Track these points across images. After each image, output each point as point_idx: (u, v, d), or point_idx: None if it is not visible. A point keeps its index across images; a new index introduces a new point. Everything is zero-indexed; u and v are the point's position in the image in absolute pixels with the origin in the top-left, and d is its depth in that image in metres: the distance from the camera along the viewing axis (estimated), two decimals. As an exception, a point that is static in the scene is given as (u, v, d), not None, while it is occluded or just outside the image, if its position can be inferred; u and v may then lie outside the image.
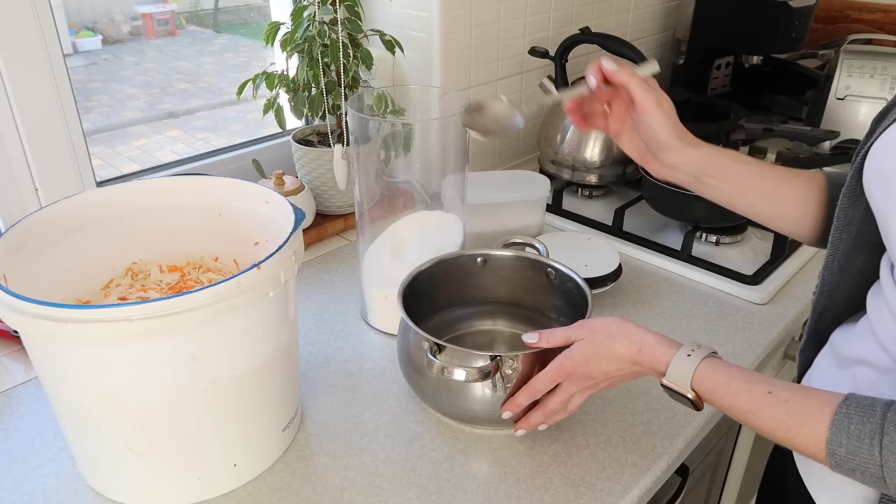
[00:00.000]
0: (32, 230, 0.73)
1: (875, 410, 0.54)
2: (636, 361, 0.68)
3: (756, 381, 0.61)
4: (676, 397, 0.65)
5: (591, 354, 0.70)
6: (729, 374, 0.62)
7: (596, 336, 0.70)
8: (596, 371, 0.70)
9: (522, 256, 0.93)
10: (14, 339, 0.95)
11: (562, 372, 0.71)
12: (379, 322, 1.00)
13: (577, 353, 0.70)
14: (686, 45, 1.73)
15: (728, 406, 0.62)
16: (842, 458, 0.55)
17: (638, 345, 0.68)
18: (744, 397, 0.61)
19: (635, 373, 0.69)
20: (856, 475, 0.55)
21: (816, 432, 0.56)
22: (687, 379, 0.63)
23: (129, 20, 3.82)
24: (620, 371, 0.69)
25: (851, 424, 0.55)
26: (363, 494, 0.73)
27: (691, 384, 0.63)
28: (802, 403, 0.58)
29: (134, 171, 1.21)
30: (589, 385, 0.72)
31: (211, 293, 0.61)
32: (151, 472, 0.70)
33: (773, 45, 1.66)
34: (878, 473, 0.53)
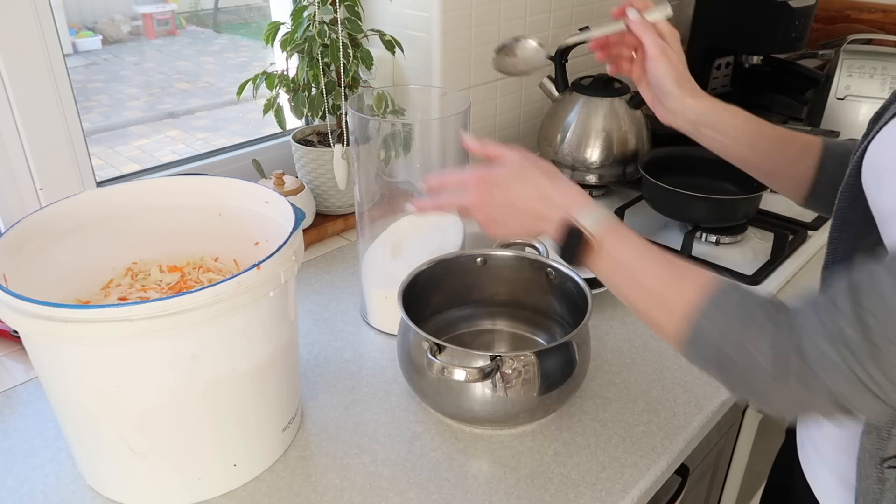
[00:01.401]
0: (32, 230, 0.73)
1: (753, 297, 0.56)
2: (546, 196, 0.67)
3: (655, 247, 0.64)
4: (572, 241, 0.65)
5: (509, 172, 0.70)
6: (636, 235, 0.65)
7: (528, 164, 0.70)
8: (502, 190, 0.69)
9: (522, 256, 0.93)
10: (14, 339, 0.95)
11: (477, 174, 0.71)
12: (379, 322, 1.00)
13: (503, 169, 0.70)
14: (686, 45, 1.73)
15: (625, 259, 0.63)
16: (703, 327, 0.57)
17: (559, 184, 0.68)
18: (644, 256, 0.63)
19: (538, 212, 0.68)
20: (703, 348, 0.57)
21: (691, 299, 0.58)
22: (595, 224, 0.64)
23: (129, 20, 3.83)
24: (523, 200, 0.68)
25: (728, 302, 0.56)
26: (363, 494, 0.73)
27: (598, 230, 0.64)
28: (687, 272, 0.60)
29: (134, 171, 1.21)
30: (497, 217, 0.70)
31: (211, 293, 0.61)
32: (151, 472, 0.70)
33: (773, 45, 1.66)
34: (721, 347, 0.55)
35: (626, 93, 1.35)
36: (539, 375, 0.76)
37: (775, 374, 0.53)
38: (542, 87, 1.41)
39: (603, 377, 0.90)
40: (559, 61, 1.38)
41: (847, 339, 0.50)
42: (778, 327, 0.54)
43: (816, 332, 0.52)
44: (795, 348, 0.52)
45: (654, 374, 0.91)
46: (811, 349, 0.51)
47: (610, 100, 1.32)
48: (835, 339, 0.50)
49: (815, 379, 0.52)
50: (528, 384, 0.76)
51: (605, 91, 1.33)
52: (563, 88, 1.38)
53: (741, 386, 0.56)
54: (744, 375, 0.55)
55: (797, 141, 0.81)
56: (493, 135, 1.47)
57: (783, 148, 0.81)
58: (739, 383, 0.56)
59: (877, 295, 0.49)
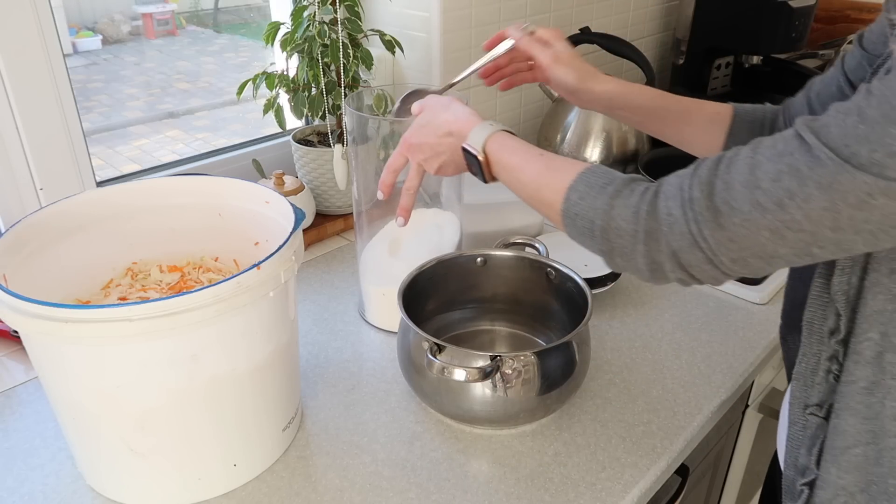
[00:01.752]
0: (32, 230, 0.73)
1: (613, 172, 0.63)
2: (451, 132, 0.74)
3: (534, 147, 0.70)
4: (471, 162, 0.73)
5: (422, 124, 0.77)
6: (516, 140, 0.71)
7: (427, 110, 0.78)
8: (426, 143, 0.76)
9: (522, 256, 0.93)
10: (14, 339, 0.95)
11: (403, 143, 0.78)
12: (377, 319, 1.00)
13: (413, 126, 0.78)
14: (686, 45, 1.73)
15: (506, 163, 0.70)
16: (573, 202, 0.63)
17: (455, 115, 0.75)
18: (519, 156, 0.69)
19: (451, 145, 0.74)
20: (576, 223, 0.63)
21: (562, 182, 0.64)
22: (481, 141, 0.71)
23: (129, 20, 3.83)
24: (442, 143, 0.75)
25: (593, 177, 0.63)
26: (363, 494, 0.73)
27: (484, 146, 0.71)
28: (562, 162, 0.67)
29: (134, 171, 1.21)
30: (425, 157, 0.77)
31: (211, 293, 0.61)
32: (151, 472, 0.70)
33: (773, 45, 1.66)
34: (592, 217, 0.61)
35: (626, 93, 1.35)
36: (539, 375, 0.76)
37: (634, 234, 0.59)
38: (543, 87, 1.41)
39: (603, 377, 0.90)
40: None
41: (693, 199, 0.55)
42: (634, 192, 0.59)
43: (672, 195, 0.57)
44: (650, 207, 0.58)
45: (654, 374, 0.91)
46: (662, 207, 0.57)
47: (610, 100, 1.32)
48: (684, 200, 0.56)
49: (662, 237, 0.57)
50: (529, 384, 0.76)
51: (605, 91, 1.33)
52: (563, 88, 1.38)
53: (611, 249, 0.61)
54: (609, 238, 0.61)
55: (705, 110, 0.86)
56: None
57: (691, 118, 0.86)
58: (608, 248, 0.61)
59: (732, 164, 0.54)
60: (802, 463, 0.65)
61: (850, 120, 0.49)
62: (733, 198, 0.53)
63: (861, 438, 0.60)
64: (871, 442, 0.60)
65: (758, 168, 0.52)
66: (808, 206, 0.50)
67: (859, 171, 0.48)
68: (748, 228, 0.53)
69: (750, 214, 0.52)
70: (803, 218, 0.51)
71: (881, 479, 0.60)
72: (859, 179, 0.48)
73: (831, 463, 0.62)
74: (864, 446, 0.60)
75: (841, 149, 0.49)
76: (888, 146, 0.47)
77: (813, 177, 0.50)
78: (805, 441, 0.65)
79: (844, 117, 0.49)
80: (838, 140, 0.49)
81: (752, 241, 0.53)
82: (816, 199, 0.50)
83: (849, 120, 0.49)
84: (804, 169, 0.50)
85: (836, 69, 0.78)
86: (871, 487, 0.61)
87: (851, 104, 0.49)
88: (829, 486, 0.63)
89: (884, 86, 0.48)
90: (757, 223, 0.52)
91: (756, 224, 0.52)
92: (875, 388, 0.59)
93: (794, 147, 0.51)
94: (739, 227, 0.53)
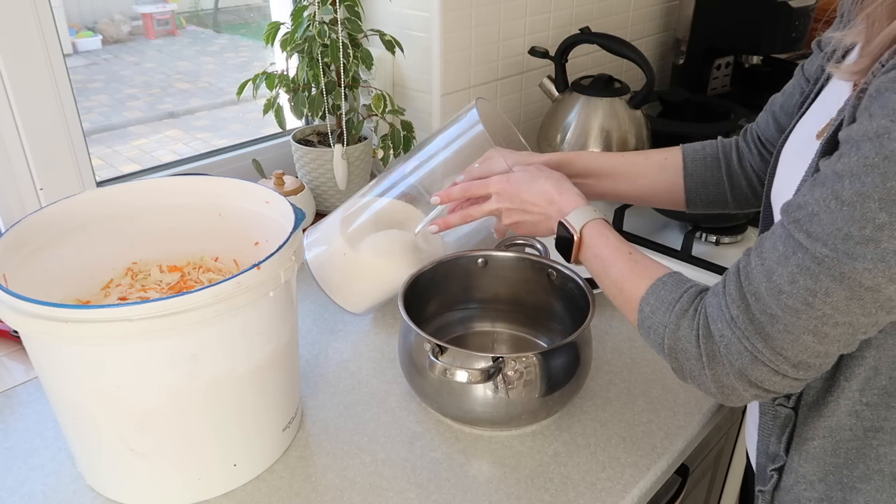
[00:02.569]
0: (32, 230, 0.73)
1: (685, 284, 0.64)
2: (552, 201, 0.77)
3: (627, 244, 0.71)
4: (562, 238, 0.75)
5: (524, 180, 0.79)
6: (612, 233, 0.73)
7: (532, 170, 0.80)
8: (520, 196, 0.79)
9: (523, 257, 0.93)
10: (14, 339, 0.95)
11: (498, 184, 0.80)
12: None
13: (515, 176, 0.80)
14: (686, 45, 1.73)
15: (598, 253, 0.72)
16: (645, 314, 0.64)
17: (560, 187, 0.77)
18: (611, 250, 0.71)
19: (546, 213, 0.77)
20: (650, 334, 0.64)
21: (639, 289, 0.66)
22: (581, 223, 0.73)
23: (129, 20, 3.83)
24: (536, 206, 0.78)
25: (663, 290, 0.64)
26: (363, 494, 0.73)
27: (582, 228, 0.73)
28: (643, 266, 0.68)
29: (134, 171, 1.21)
30: (507, 207, 0.80)
31: (211, 293, 0.61)
32: (151, 472, 0.70)
33: (773, 45, 1.66)
34: (662, 333, 0.62)
35: (626, 93, 1.35)
36: (541, 377, 0.76)
37: (699, 357, 0.59)
38: (542, 87, 1.41)
39: (603, 377, 0.90)
40: (559, 61, 1.38)
41: (735, 318, 0.57)
42: (698, 313, 0.60)
43: (717, 317, 0.58)
44: (705, 331, 0.59)
45: (654, 374, 0.91)
46: (715, 331, 0.58)
47: (610, 100, 1.32)
48: (727, 320, 0.57)
49: (724, 359, 0.58)
50: (530, 385, 0.76)
51: (605, 91, 1.33)
52: (563, 88, 1.38)
53: (681, 368, 0.62)
54: (678, 358, 0.62)
55: (651, 159, 0.89)
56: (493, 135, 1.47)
57: (640, 169, 0.89)
58: (679, 366, 0.62)
59: (750, 275, 0.56)
60: (773, 450, 0.68)
61: (832, 205, 0.51)
62: (767, 307, 0.55)
63: (819, 432, 0.64)
64: (827, 436, 0.63)
65: (773, 274, 0.54)
66: (832, 298, 0.52)
67: (858, 261, 0.50)
68: (791, 333, 0.54)
69: (786, 319, 0.54)
70: (833, 311, 0.52)
71: (837, 470, 0.64)
72: (860, 268, 0.50)
73: (795, 451, 0.66)
74: (822, 439, 0.64)
75: (834, 236, 0.50)
76: (873, 220, 0.48)
77: (822, 271, 0.51)
78: (775, 430, 0.68)
79: (826, 205, 0.51)
80: (829, 227, 0.51)
81: (801, 344, 0.54)
82: (835, 291, 0.51)
83: (831, 206, 0.51)
84: (812, 266, 0.52)
85: (795, 79, 0.81)
86: (827, 477, 0.64)
87: (827, 191, 0.51)
88: (793, 472, 0.67)
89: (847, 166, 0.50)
90: (796, 326, 0.54)
91: (795, 327, 0.54)
92: (831, 388, 0.62)
93: (793, 247, 0.53)
94: (783, 333, 0.54)
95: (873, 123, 0.48)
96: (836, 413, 0.62)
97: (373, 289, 0.96)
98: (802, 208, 0.53)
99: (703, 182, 0.88)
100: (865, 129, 0.49)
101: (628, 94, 1.34)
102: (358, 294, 0.96)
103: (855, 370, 0.60)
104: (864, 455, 0.62)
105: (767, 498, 0.69)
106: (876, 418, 0.61)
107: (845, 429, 0.62)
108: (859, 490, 0.63)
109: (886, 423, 0.61)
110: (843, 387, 0.61)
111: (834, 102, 0.61)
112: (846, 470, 0.63)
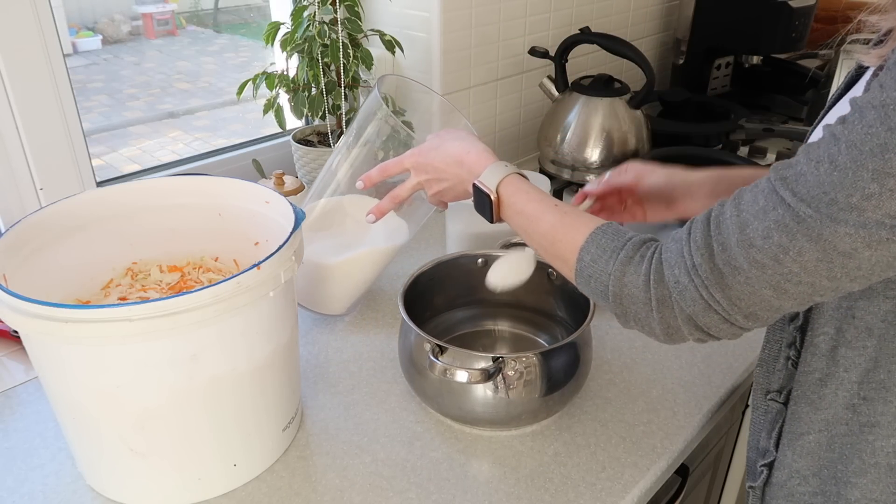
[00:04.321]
0: (32, 230, 0.73)
1: (626, 234, 0.63)
2: (461, 162, 0.76)
3: (549, 196, 0.70)
4: (482, 200, 0.73)
5: (433, 147, 0.79)
6: (531, 187, 0.72)
7: (441, 134, 0.80)
8: (432, 164, 0.78)
9: (522, 256, 0.93)
10: (14, 339, 0.95)
11: (411, 157, 0.80)
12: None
13: (424, 146, 0.80)
14: (686, 45, 1.73)
15: (520, 209, 0.70)
16: (585, 263, 0.63)
17: (468, 148, 0.76)
18: (534, 204, 0.70)
19: (459, 176, 0.76)
20: (590, 284, 0.63)
21: (575, 240, 0.64)
22: (495, 181, 0.72)
23: (129, 20, 3.83)
24: (448, 170, 0.77)
25: (604, 238, 0.63)
26: (363, 494, 0.73)
27: (497, 186, 0.72)
28: (575, 217, 0.67)
29: (134, 171, 1.21)
30: (426, 179, 0.80)
31: (211, 293, 0.61)
32: (151, 472, 0.70)
33: (773, 45, 1.66)
34: (606, 280, 0.62)
35: (626, 93, 1.35)
36: (542, 377, 0.76)
37: (647, 301, 0.59)
38: (543, 87, 1.41)
39: (603, 377, 0.90)
40: (559, 61, 1.38)
41: (696, 265, 0.56)
42: (644, 258, 0.60)
43: (675, 262, 0.58)
44: (657, 276, 0.58)
45: (654, 374, 0.91)
46: (669, 276, 0.58)
47: (610, 100, 1.32)
48: (688, 267, 0.56)
49: (675, 304, 0.58)
50: (531, 385, 0.76)
51: (605, 91, 1.33)
52: (563, 88, 1.38)
53: (625, 313, 0.62)
54: (623, 304, 0.61)
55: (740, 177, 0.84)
56: (493, 135, 1.47)
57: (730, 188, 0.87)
58: (623, 313, 0.62)
59: (721, 225, 0.55)
60: (763, 445, 0.68)
61: (823, 168, 0.50)
62: (733, 258, 0.54)
63: (814, 426, 0.64)
64: (823, 430, 0.63)
65: (747, 227, 0.54)
66: (803, 258, 0.51)
67: (840, 225, 0.49)
68: (752, 286, 0.54)
69: (750, 272, 0.54)
70: (800, 270, 0.52)
71: (831, 465, 0.64)
72: (841, 232, 0.49)
73: (788, 447, 0.66)
74: (817, 433, 0.64)
75: (819, 199, 0.50)
76: (863, 189, 0.48)
77: (801, 230, 0.51)
78: (766, 425, 0.68)
79: (817, 165, 0.50)
80: (816, 189, 0.50)
81: (758, 298, 0.54)
82: (808, 251, 0.51)
83: (822, 168, 0.50)
84: (791, 224, 0.51)
85: None
86: (822, 472, 0.64)
87: (822, 152, 0.50)
88: (785, 468, 0.66)
89: (848, 131, 0.49)
90: (759, 280, 0.53)
91: (758, 281, 0.54)
92: (828, 380, 0.62)
93: (775, 202, 0.53)
94: (744, 285, 0.54)
95: (882, 94, 0.48)
96: (833, 406, 0.62)
97: (344, 289, 0.96)
98: (792, 167, 0.52)
99: None
100: (872, 98, 0.48)
101: (628, 94, 1.34)
102: (332, 296, 0.96)
103: (855, 360, 0.60)
104: (859, 450, 0.62)
105: (758, 494, 0.70)
106: (872, 413, 0.61)
107: (841, 423, 0.62)
108: (854, 484, 0.63)
109: (883, 417, 0.61)
110: (843, 378, 0.61)
111: None
112: (841, 465, 0.63)
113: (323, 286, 0.95)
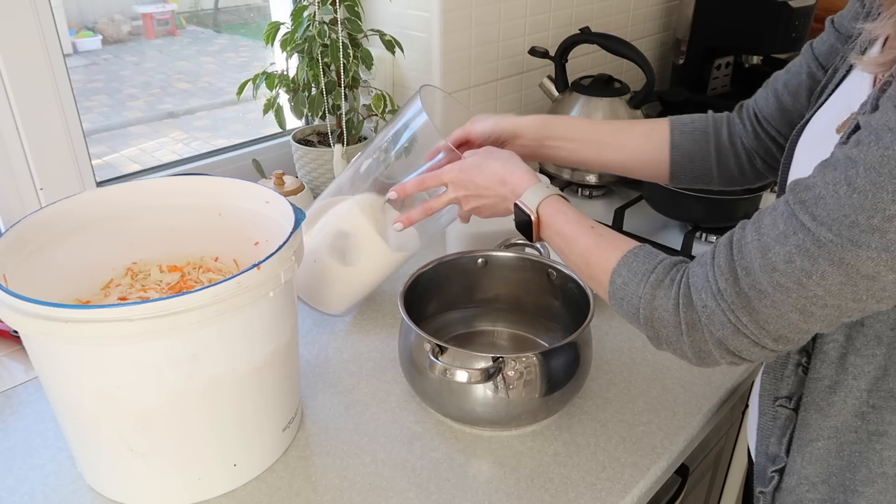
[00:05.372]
0: (32, 230, 0.73)
1: (657, 256, 0.64)
2: (504, 181, 0.76)
3: (587, 219, 0.72)
4: (523, 220, 0.74)
5: (475, 164, 0.79)
6: (569, 208, 0.73)
7: (481, 153, 0.80)
8: (473, 181, 0.78)
9: (523, 257, 0.93)
10: (14, 339, 0.95)
11: (450, 173, 0.80)
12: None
13: (466, 162, 0.80)
14: (686, 45, 1.73)
15: (559, 230, 0.72)
16: (617, 286, 0.64)
17: (511, 168, 0.77)
18: (572, 225, 0.71)
19: (501, 194, 0.77)
20: (623, 306, 0.64)
21: (608, 262, 0.65)
22: (536, 202, 0.73)
23: (129, 20, 3.82)
24: (490, 189, 0.78)
25: (635, 261, 0.64)
26: (363, 494, 0.73)
27: (538, 207, 0.73)
28: (610, 240, 0.68)
29: (134, 171, 1.21)
30: (464, 195, 0.80)
31: (211, 293, 0.61)
32: (151, 472, 0.70)
33: (773, 45, 1.66)
34: (637, 303, 0.62)
35: (626, 93, 1.35)
36: (541, 377, 0.76)
37: (677, 325, 0.60)
38: (542, 87, 1.41)
39: (603, 377, 0.90)
40: (559, 61, 1.38)
41: (722, 290, 0.56)
42: (675, 282, 0.61)
43: (701, 287, 0.58)
44: (685, 301, 0.59)
45: (654, 374, 0.91)
46: (697, 300, 0.58)
47: (610, 100, 1.32)
48: (714, 291, 0.57)
49: (704, 328, 0.58)
50: (531, 385, 0.76)
51: (605, 91, 1.33)
52: (563, 88, 1.38)
53: (657, 336, 0.62)
54: (654, 327, 0.62)
55: (638, 126, 0.88)
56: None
57: (627, 136, 0.88)
58: (654, 336, 0.63)
59: (743, 249, 0.56)
60: (773, 451, 0.68)
61: (842, 190, 0.50)
62: (757, 282, 0.54)
63: (823, 433, 0.64)
64: (832, 437, 0.64)
65: (769, 251, 0.54)
66: (826, 282, 0.51)
67: (862, 248, 0.49)
68: (778, 309, 0.54)
69: (775, 296, 0.54)
70: (825, 293, 0.52)
71: (840, 472, 0.64)
72: (863, 255, 0.49)
73: (797, 453, 0.66)
74: (826, 440, 0.64)
75: (840, 222, 0.50)
76: (883, 211, 0.48)
77: (822, 254, 0.51)
78: (775, 431, 0.68)
79: (835, 188, 0.50)
80: (836, 212, 0.50)
81: (786, 321, 0.54)
82: (831, 275, 0.51)
83: (840, 190, 0.50)
84: (812, 248, 0.51)
85: (803, 58, 0.82)
86: (830, 479, 0.64)
87: (839, 175, 0.50)
88: (795, 473, 0.66)
89: (864, 153, 0.49)
90: (784, 304, 0.54)
91: (784, 304, 0.54)
92: (837, 387, 0.62)
93: (795, 227, 0.52)
94: (770, 308, 0.54)
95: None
96: (843, 413, 0.62)
97: (349, 291, 0.96)
98: (810, 190, 0.52)
99: (689, 155, 0.87)
100: (888, 120, 0.48)
101: (628, 94, 1.34)
102: (335, 296, 0.96)
103: (864, 368, 0.60)
104: (867, 459, 0.62)
105: (768, 499, 0.69)
106: (881, 422, 0.61)
107: (850, 430, 0.62)
108: (861, 493, 0.63)
109: (891, 426, 0.61)
110: (852, 386, 0.61)
111: (856, 95, 0.60)
112: (849, 472, 0.63)
113: (329, 286, 0.94)
